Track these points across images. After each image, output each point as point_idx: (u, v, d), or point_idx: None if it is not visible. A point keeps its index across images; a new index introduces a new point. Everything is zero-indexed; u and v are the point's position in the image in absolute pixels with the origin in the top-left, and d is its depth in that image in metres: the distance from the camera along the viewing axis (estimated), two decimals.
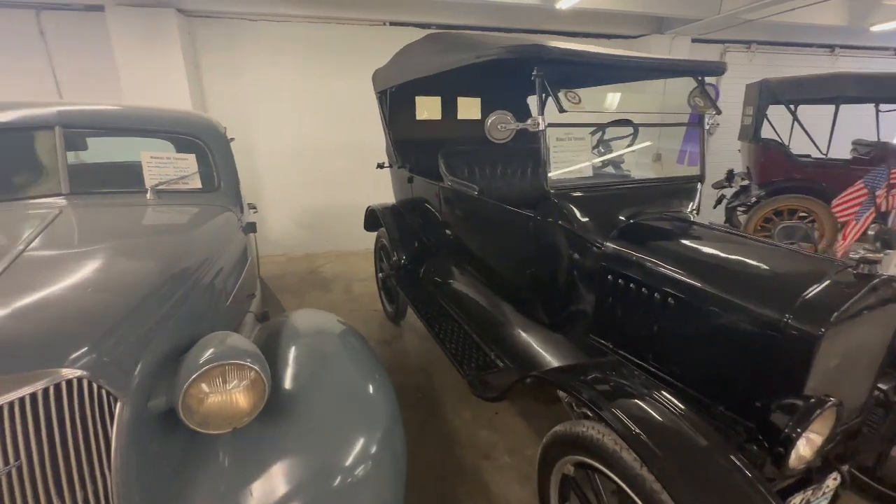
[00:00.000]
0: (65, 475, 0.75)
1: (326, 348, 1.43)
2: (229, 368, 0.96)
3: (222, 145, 2.18)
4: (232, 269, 1.74)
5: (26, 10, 4.10)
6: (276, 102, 4.81)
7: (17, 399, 0.70)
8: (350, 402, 1.23)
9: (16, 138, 1.90)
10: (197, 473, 0.99)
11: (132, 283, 1.09)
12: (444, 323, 2.39)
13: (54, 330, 0.83)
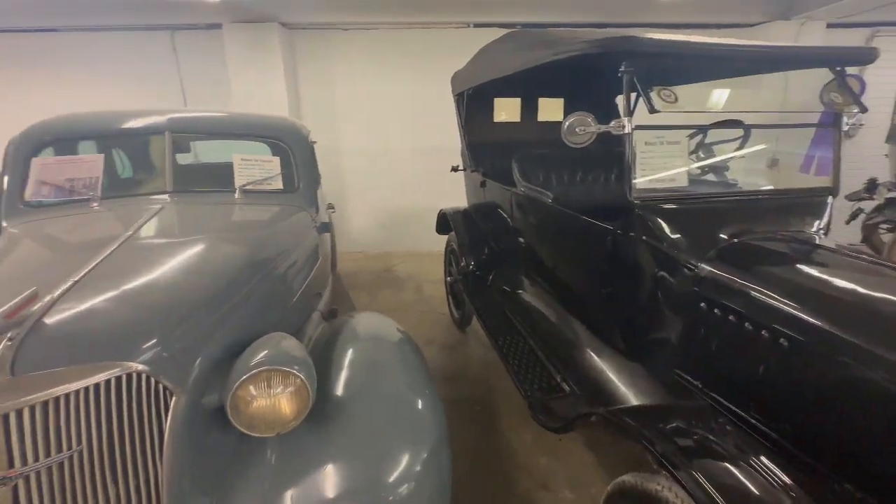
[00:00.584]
0: (120, 463, 0.79)
1: (381, 356, 1.41)
2: (276, 374, 0.96)
3: (304, 149, 2.28)
4: (302, 267, 1.81)
5: (164, 31, 4.78)
6: (361, 107, 5.04)
7: (83, 388, 0.75)
8: (398, 417, 1.19)
9: (137, 142, 2.18)
10: (245, 470, 1.01)
11: (202, 281, 1.16)
12: (508, 336, 2.26)
13: (125, 324, 0.89)
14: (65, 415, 0.73)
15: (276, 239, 1.65)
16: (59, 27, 4.83)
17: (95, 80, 5.06)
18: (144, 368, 0.84)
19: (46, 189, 1.80)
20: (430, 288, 4.22)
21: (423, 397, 1.27)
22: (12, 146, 1.85)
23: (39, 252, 1.32)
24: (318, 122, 5.12)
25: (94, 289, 0.95)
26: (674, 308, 1.48)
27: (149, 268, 1.12)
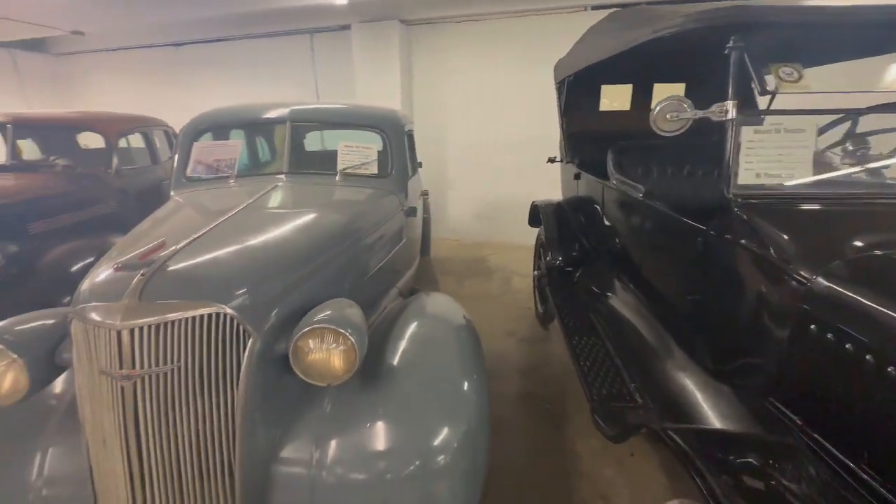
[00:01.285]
0: (206, 383, 0.99)
1: (439, 335, 1.47)
2: (332, 332, 1.08)
3: (400, 138, 2.44)
4: (384, 245, 1.96)
5: (305, 34, 5.48)
6: (469, 98, 5.14)
7: (186, 318, 0.95)
8: (442, 392, 1.24)
9: (269, 130, 2.58)
10: (305, 413, 1.17)
11: (290, 246, 1.35)
12: (585, 337, 2.15)
13: (223, 275, 1.10)
14: (171, 337, 0.95)
15: (362, 217, 1.82)
16: (233, 36, 5.87)
17: (255, 80, 6.04)
18: (232, 312, 1.03)
19: (201, 167, 2.24)
20: (519, 281, 4.17)
21: (470, 380, 1.30)
22: (181, 133, 2.34)
23: (184, 214, 1.68)
24: (427, 115, 5.38)
25: (208, 244, 1.19)
26: (774, 327, 1.25)
27: (251, 232, 1.35)
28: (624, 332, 2.07)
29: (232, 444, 1.03)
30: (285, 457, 1.11)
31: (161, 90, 6.49)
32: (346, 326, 1.10)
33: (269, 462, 1.10)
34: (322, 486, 1.08)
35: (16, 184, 2.83)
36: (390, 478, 1.08)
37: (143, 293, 0.94)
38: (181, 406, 0.96)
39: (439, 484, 1.12)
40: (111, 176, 3.38)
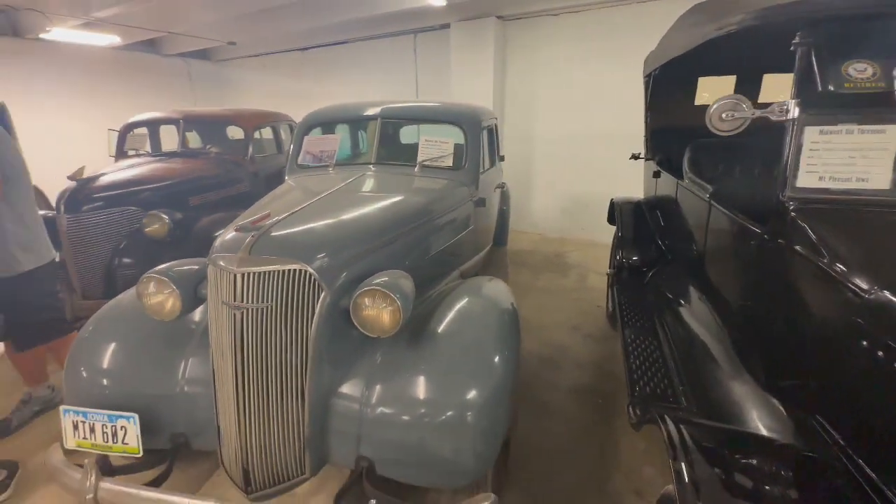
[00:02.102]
0: (288, 321, 1.31)
1: (483, 313, 1.64)
2: (383, 294, 1.33)
3: (476, 133, 2.63)
4: (448, 230, 2.18)
5: (409, 35, 5.90)
6: (560, 93, 5.09)
7: (277, 270, 1.28)
8: (474, 361, 1.41)
9: (365, 125, 2.96)
10: (360, 359, 1.45)
11: (364, 222, 1.64)
12: (643, 337, 2.14)
13: (309, 241, 1.41)
14: (267, 283, 1.28)
15: (430, 203, 2.06)
16: (348, 40, 6.56)
17: (366, 78, 6.68)
18: (312, 271, 1.33)
19: (309, 156, 2.70)
20: (595, 279, 4.10)
21: (501, 355, 1.45)
22: (297, 127, 2.82)
23: (290, 193, 2.08)
24: (517, 109, 5.45)
25: (301, 217, 1.52)
26: (823, 339, 1.18)
27: (335, 210, 1.67)
28: (685, 338, 2.01)
29: (304, 373, 1.34)
30: (342, 392, 1.40)
31: (290, 88, 7.53)
32: (396, 291, 1.34)
33: (330, 394, 1.39)
34: (368, 420, 1.34)
35: (182, 167, 3.65)
36: (424, 422, 1.30)
37: (252, 249, 1.29)
38: (270, 336, 1.29)
39: (463, 434, 1.31)
40: (247, 162, 4.13)
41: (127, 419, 1.35)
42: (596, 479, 1.87)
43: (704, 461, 0.96)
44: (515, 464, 1.92)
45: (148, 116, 4.24)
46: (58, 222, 2.75)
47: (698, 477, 0.91)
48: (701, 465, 0.94)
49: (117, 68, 7.10)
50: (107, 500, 1.28)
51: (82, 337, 1.57)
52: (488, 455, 1.36)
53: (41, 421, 2.30)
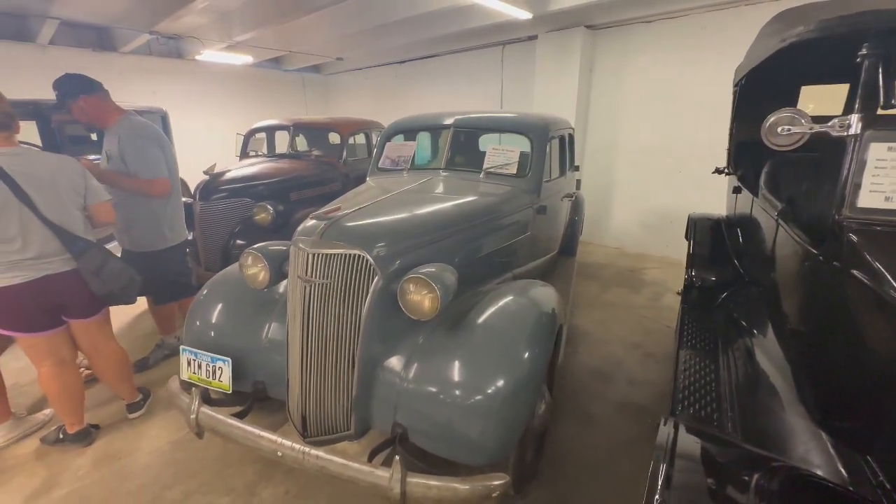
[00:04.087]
0: (346, 299, 1.56)
1: (522, 313, 1.74)
2: (425, 282, 1.51)
3: (542, 143, 2.71)
4: (502, 234, 2.30)
5: (496, 47, 6.10)
6: (648, 102, 4.88)
7: (341, 254, 1.53)
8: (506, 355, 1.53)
9: (440, 133, 3.19)
10: (404, 339, 1.64)
11: (421, 219, 1.85)
12: (699, 360, 2.04)
13: (370, 232, 1.65)
14: (332, 263, 1.54)
15: (487, 207, 2.20)
16: (439, 53, 6.97)
17: (453, 89, 7.03)
18: (369, 257, 1.56)
19: (388, 161, 3.01)
20: (671, 299, 3.87)
21: (532, 353, 1.55)
22: (381, 134, 3.16)
23: (365, 192, 2.38)
24: (601, 119, 5.33)
25: (368, 212, 1.77)
26: (878, 373, 1.09)
27: (398, 207, 1.90)
28: (747, 367, 1.89)
29: (355, 345, 1.57)
30: (386, 366, 1.61)
31: (386, 98, 8.19)
32: (437, 282, 1.52)
33: (376, 366, 1.61)
34: (405, 393, 1.53)
35: (287, 166, 4.25)
36: (453, 401, 1.46)
37: (323, 235, 1.56)
38: (330, 308, 1.55)
39: (487, 418, 1.44)
40: (341, 164, 4.65)
41: (223, 362, 1.71)
42: (627, 495, 1.85)
43: (700, 471, 0.97)
44: (550, 464, 1.98)
45: (266, 123, 4.99)
46: (193, 208, 3.42)
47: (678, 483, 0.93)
48: (691, 473, 0.96)
49: (247, 83, 8.38)
50: (205, 421, 1.64)
51: (199, 296, 1.99)
52: (507, 441, 1.47)
53: (168, 363, 2.90)
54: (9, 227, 1.79)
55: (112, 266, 2.03)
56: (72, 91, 2.27)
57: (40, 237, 1.85)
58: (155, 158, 2.42)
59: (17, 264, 1.82)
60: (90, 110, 2.32)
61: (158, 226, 2.54)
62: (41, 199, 1.84)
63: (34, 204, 1.83)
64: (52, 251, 1.89)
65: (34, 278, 1.85)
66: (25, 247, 1.83)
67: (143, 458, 2.06)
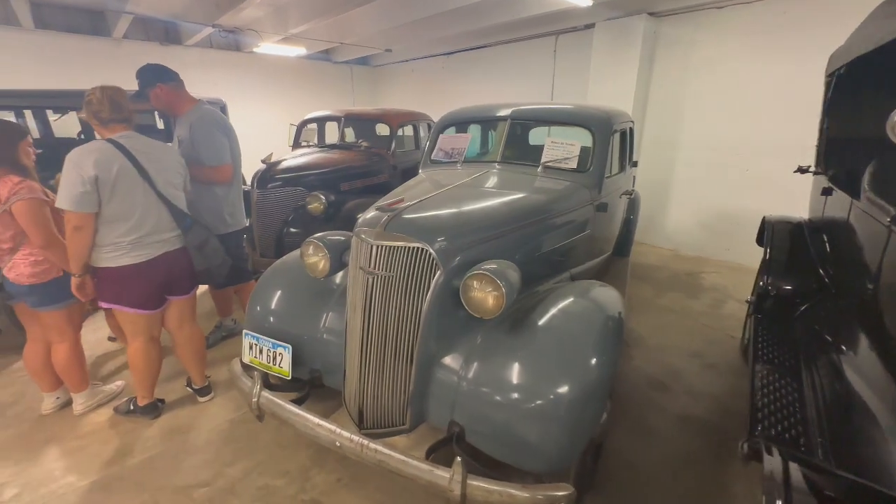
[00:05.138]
0: (407, 292, 1.53)
1: (587, 314, 1.65)
2: (490, 279, 1.46)
3: (605, 137, 2.57)
4: (562, 232, 2.21)
5: (550, 36, 5.89)
6: (712, 94, 4.56)
7: (404, 247, 1.51)
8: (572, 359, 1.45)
9: (494, 125, 3.12)
10: (462, 337, 1.60)
11: (481, 213, 1.79)
12: (779, 377, 1.88)
13: (432, 225, 1.61)
14: (394, 256, 1.51)
15: (546, 203, 2.11)
16: (489, 43, 6.84)
17: (502, 80, 6.89)
18: (431, 250, 1.53)
19: (441, 153, 2.96)
20: (734, 307, 3.61)
21: (600, 359, 1.46)
22: (434, 126, 3.11)
23: (422, 184, 2.34)
24: (660, 112, 5.04)
25: (428, 205, 1.73)
26: None
27: (457, 201, 1.85)
28: (839, 386, 1.71)
29: (414, 339, 1.55)
30: (443, 363, 1.57)
31: (433, 90, 8.15)
32: (502, 279, 1.46)
33: (433, 363, 1.58)
34: (463, 392, 1.49)
35: (339, 157, 4.31)
36: (513, 404, 1.40)
37: (386, 227, 1.54)
38: (391, 301, 1.53)
39: (550, 424, 1.37)
40: (389, 156, 4.67)
41: (283, 348, 1.74)
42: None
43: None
44: (608, 476, 1.89)
45: (318, 114, 5.08)
46: (251, 195, 3.53)
47: None
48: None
49: (298, 74, 8.59)
50: (266, 405, 1.67)
51: (261, 282, 2.04)
52: (572, 449, 1.40)
53: (226, 344, 3.02)
54: (133, 203, 1.92)
55: (213, 243, 2.21)
56: (151, 79, 2.39)
57: (156, 213, 2.00)
58: (221, 145, 2.50)
59: (139, 242, 1.96)
60: (165, 97, 2.43)
61: (220, 211, 2.62)
62: (158, 177, 1.99)
63: (153, 181, 1.97)
64: (165, 227, 2.04)
65: (155, 255, 2.00)
66: (142, 223, 1.96)
67: (205, 434, 2.15)
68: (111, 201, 1.87)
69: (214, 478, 1.89)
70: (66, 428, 2.19)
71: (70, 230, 1.82)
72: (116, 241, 1.92)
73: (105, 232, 1.91)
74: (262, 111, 8.04)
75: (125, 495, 1.80)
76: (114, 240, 1.92)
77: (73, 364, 2.18)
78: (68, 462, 1.98)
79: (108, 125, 1.93)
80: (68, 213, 1.81)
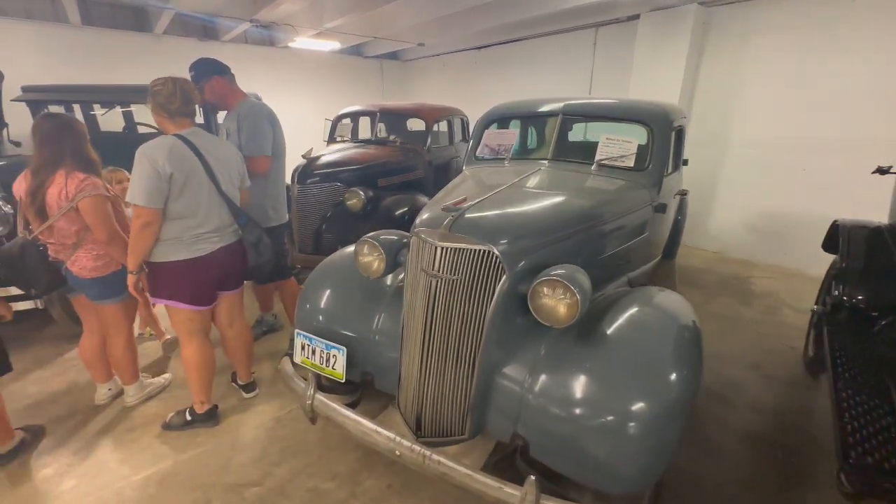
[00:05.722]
0: (471, 296, 1.45)
1: (659, 324, 1.54)
2: (563, 285, 1.37)
3: (665, 134, 2.43)
4: (622, 235, 2.09)
5: (589, 29, 5.69)
6: (768, 87, 4.30)
7: (470, 249, 1.43)
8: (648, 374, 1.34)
9: (542, 121, 3.00)
10: (526, 346, 1.51)
11: (541, 217, 1.69)
12: (867, 398, 1.72)
13: (495, 226, 1.53)
14: (459, 258, 1.44)
15: (606, 205, 2.00)
16: (522, 37, 6.67)
17: (534, 75, 6.73)
18: (497, 252, 1.45)
19: (486, 149, 2.87)
20: (790, 315, 3.41)
21: (680, 374, 1.34)
22: (478, 121, 3.02)
23: (472, 182, 2.26)
24: (710, 108, 4.80)
25: (488, 204, 1.65)
26: None
27: (517, 200, 1.76)
28: None
29: (478, 344, 1.47)
30: (506, 372, 1.49)
31: (464, 85, 8.04)
32: (576, 285, 1.36)
33: (495, 371, 1.50)
34: (527, 405, 1.40)
35: (375, 153, 4.27)
36: (583, 422, 1.31)
37: (451, 227, 1.46)
38: (455, 306, 1.46)
39: (626, 443, 1.27)
40: (424, 152, 4.60)
41: (338, 350, 1.69)
42: None
43: None
44: (674, 495, 1.78)
45: (353, 109, 5.06)
46: (291, 190, 3.52)
47: None
48: None
49: (330, 69, 8.62)
50: (319, 408, 1.63)
51: (310, 280, 2.00)
52: (650, 471, 1.30)
53: (266, 339, 3.03)
54: (199, 201, 1.89)
55: (266, 241, 2.18)
56: (207, 71, 2.39)
57: (219, 211, 1.98)
58: (265, 136, 2.47)
59: (200, 238, 1.93)
60: (220, 90, 2.44)
61: (263, 205, 2.60)
62: (221, 175, 1.97)
63: (217, 179, 1.94)
64: (225, 223, 2.03)
65: (213, 250, 1.98)
66: (207, 220, 1.94)
67: (251, 431, 2.14)
68: (179, 199, 1.84)
69: (264, 477, 1.87)
70: (118, 419, 2.22)
71: (139, 226, 1.79)
72: (178, 236, 1.89)
73: (167, 227, 1.87)
74: (295, 105, 8.09)
75: (178, 491, 1.80)
76: (175, 234, 1.88)
77: (128, 357, 2.20)
78: (122, 455, 2.00)
79: (176, 119, 1.89)
80: (139, 209, 1.76)
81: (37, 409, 2.32)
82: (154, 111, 1.88)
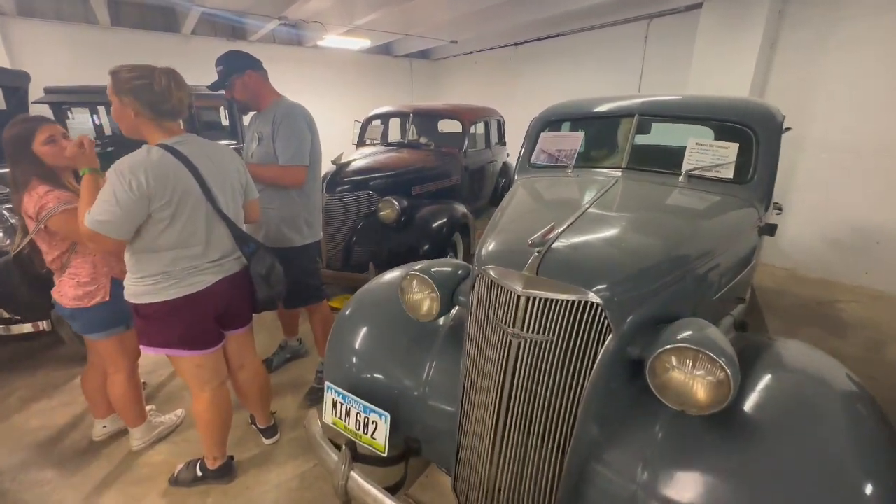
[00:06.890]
0: (566, 363, 1.07)
1: (820, 398, 1.12)
2: (702, 357, 0.97)
3: (772, 137, 1.98)
4: (730, 266, 1.66)
5: (641, 21, 5.20)
6: (860, 82, 3.73)
7: (565, 300, 1.04)
8: (831, 480, 0.94)
9: (604, 123, 2.57)
10: (633, 426, 1.12)
11: (645, 251, 1.28)
12: None
13: (591, 266, 1.14)
14: (551, 312, 1.06)
15: (712, 232, 1.57)
16: (563, 32, 6.22)
17: (577, 72, 6.27)
18: (600, 302, 1.06)
19: (543, 155, 2.47)
20: None
21: (876, 486, 0.93)
22: (533, 122, 2.62)
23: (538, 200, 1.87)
24: (784, 106, 4.21)
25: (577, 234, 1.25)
26: None
27: (608, 227, 1.35)
28: None
29: (571, 423, 1.09)
30: (607, 460, 1.10)
31: (497, 84, 7.63)
32: (720, 354, 0.96)
33: (591, 457, 1.12)
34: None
35: (408, 157, 3.92)
36: None
37: (539, 269, 1.08)
38: (543, 374, 1.08)
39: None
40: (460, 156, 4.23)
41: (379, 416, 1.33)
42: None
43: None
44: None
45: (384, 110, 4.73)
46: None
47: None
48: None
49: (358, 69, 8.36)
50: (355, 490, 1.28)
51: (344, 315, 1.66)
52: None
53: (289, 366, 2.71)
54: (195, 228, 1.50)
55: (278, 269, 1.75)
56: (240, 65, 2.08)
57: (219, 237, 1.58)
58: (303, 142, 2.12)
59: (195, 270, 1.53)
60: (253, 86, 2.11)
61: (296, 220, 2.25)
62: (220, 193, 1.55)
63: (215, 198, 1.53)
64: (228, 251, 1.63)
65: (210, 283, 1.56)
66: (208, 250, 1.55)
67: (271, 493, 1.81)
68: (169, 229, 1.43)
69: None
70: (123, 468, 1.93)
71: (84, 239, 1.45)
72: (166, 270, 1.48)
73: (152, 260, 1.47)
74: (323, 106, 7.80)
75: None
76: (163, 268, 1.47)
77: (129, 396, 1.90)
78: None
79: (165, 122, 1.49)
80: (94, 234, 1.34)
81: (38, 449, 2.06)
82: (136, 110, 1.44)
